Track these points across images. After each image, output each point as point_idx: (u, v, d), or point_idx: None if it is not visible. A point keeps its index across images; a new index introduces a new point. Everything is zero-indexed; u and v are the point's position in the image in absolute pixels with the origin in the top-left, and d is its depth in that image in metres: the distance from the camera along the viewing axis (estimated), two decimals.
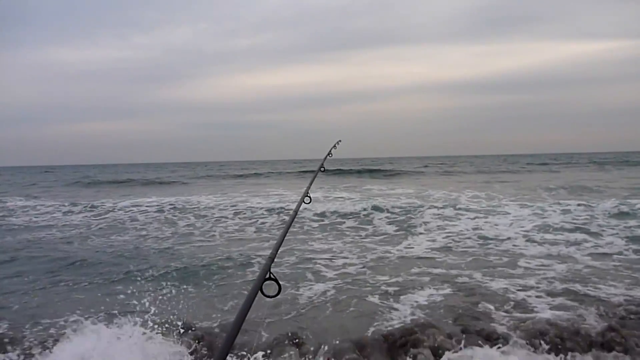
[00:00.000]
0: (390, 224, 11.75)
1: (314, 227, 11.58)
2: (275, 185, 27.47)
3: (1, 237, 11.65)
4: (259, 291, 1.66)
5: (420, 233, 10.55)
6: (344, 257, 8.32)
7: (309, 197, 3.40)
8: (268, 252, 2.02)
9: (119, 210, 15.85)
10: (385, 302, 5.79)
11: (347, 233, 10.94)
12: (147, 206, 16.40)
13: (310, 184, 3.77)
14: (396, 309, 5.49)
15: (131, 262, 8.27)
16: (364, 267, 7.61)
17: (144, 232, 11.79)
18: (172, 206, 16.04)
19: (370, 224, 11.92)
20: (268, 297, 1.68)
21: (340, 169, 37.04)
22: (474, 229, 10.65)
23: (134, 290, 6.19)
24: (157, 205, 16.34)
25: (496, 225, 11.02)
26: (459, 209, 13.23)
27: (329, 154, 6.09)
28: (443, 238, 9.83)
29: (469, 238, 9.72)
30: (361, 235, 10.61)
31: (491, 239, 9.59)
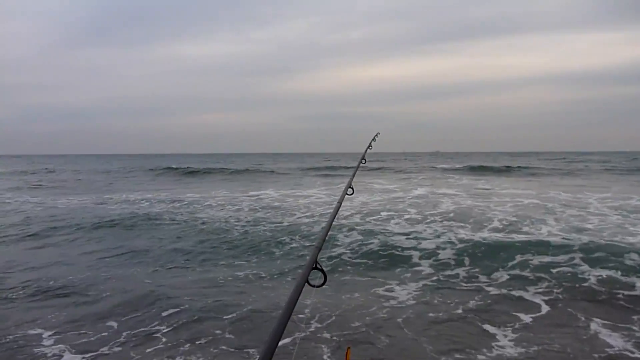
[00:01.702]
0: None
1: None
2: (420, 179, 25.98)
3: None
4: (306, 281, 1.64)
5: None
6: None
7: (352, 188, 3.36)
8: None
9: None
10: None
11: None
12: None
13: (353, 176, 3.72)
14: None
15: None
16: None
17: None
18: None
19: None
20: (314, 286, 1.67)
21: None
22: None
23: None
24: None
25: None
26: None
27: (369, 147, 6.09)
28: None
29: None
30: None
31: None
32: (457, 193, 17.48)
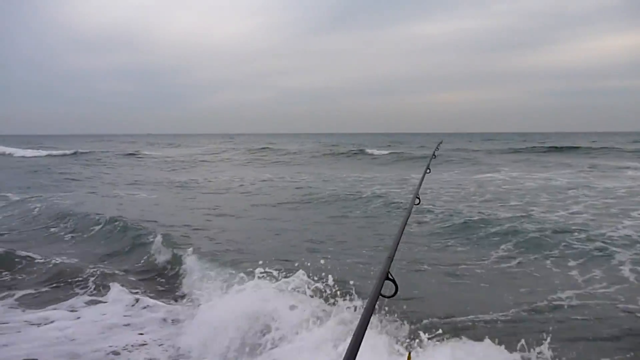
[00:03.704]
0: None
1: None
2: None
3: None
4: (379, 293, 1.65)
5: None
6: None
7: (418, 198, 3.29)
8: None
9: None
10: None
11: None
12: None
13: (419, 185, 3.64)
14: None
15: None
16: None
17: None
18: None
19: None
20: (385, 297, 1.68)
21: None
22: None
23: None
24: None
25: None
26: None
27: (433, 156, 6.05)
28: None
29: None
30: None
31: None
32: None
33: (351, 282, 5.03)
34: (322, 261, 5.42)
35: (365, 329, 1.39)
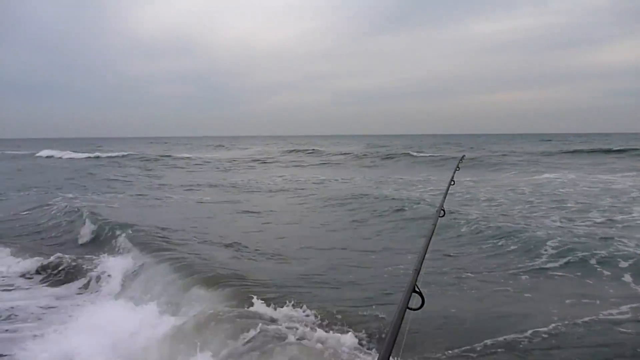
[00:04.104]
0: None
1: None
2: None
3: None
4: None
5: None
6: None
7: (443, 210, 3.25)
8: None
9: None
10: None
11: None
12: None
13: (444, 197, 3.59)
14: None
15: None
16: None
17: None
18: None
19: None
20: (411, 309, 1.66)
21: None
22: None
23: None
24: None
25: None
26: None
27: (456, 169, 6.00)
28: None
29: None
30: None
31: None
32: None
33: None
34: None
35: (393, 344, 1.35)
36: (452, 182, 4.66)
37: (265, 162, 32.52)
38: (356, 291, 5.46)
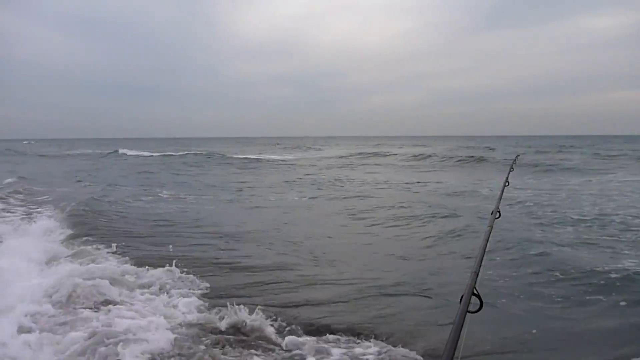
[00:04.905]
0: None
1: None
2: None
3: None
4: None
5: None
6: None
7: (499, 212, 3.18)
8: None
9: None
10: None
11: None
12: None
13: (499, 199, 3.50)
14: None
15: None
16: None
17: None
18: None
19: None
20: (470, 312, 1.61)
21: None
22: None
23: None
24: None
25: None
26: None
27: (511, 169, 5.84)
28: None
29: None
30: None
31: None
32: None
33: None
34: None
35: (455, 347, 1.32)
36: (507, 184, 4.54)
37: (359, 165, 30.55)
38: None
